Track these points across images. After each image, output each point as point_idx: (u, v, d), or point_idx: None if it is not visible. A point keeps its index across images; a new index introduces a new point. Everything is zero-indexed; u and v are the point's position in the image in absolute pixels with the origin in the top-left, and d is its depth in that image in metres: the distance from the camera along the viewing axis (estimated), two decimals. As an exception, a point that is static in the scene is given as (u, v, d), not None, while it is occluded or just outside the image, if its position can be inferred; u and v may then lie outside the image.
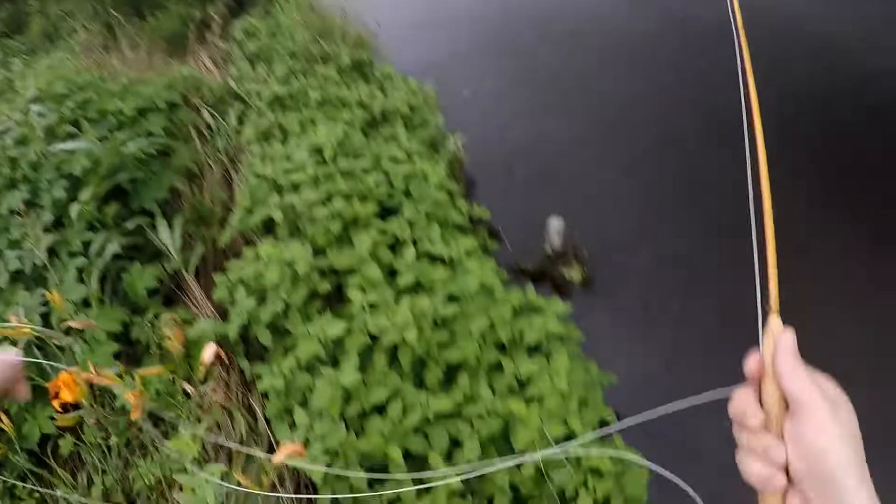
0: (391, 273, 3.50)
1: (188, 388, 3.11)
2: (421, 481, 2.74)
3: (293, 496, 3.00)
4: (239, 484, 2.94)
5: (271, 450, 3.16)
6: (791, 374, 0.90)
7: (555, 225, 4.51)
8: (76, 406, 3.19)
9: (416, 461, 2.84)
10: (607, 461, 2.72)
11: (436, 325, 3.13)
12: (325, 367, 3.02)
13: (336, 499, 2.80)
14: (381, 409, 2.91)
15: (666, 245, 4.92)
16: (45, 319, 3.53)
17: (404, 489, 2.65)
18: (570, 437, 2.82)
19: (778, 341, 0.93)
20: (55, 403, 1.83)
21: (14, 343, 2.23)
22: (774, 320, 0.95)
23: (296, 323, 3.32)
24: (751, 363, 0.96)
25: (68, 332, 3.43)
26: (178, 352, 3.27)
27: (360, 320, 3.16)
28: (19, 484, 3.09)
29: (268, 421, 3.28)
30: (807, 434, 0.87)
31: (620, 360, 4.03)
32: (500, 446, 2.88)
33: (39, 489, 3.09)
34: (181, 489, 2.70)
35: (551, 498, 2.66)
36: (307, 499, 3.04)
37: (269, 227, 4.06)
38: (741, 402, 0.95)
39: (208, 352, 2.92)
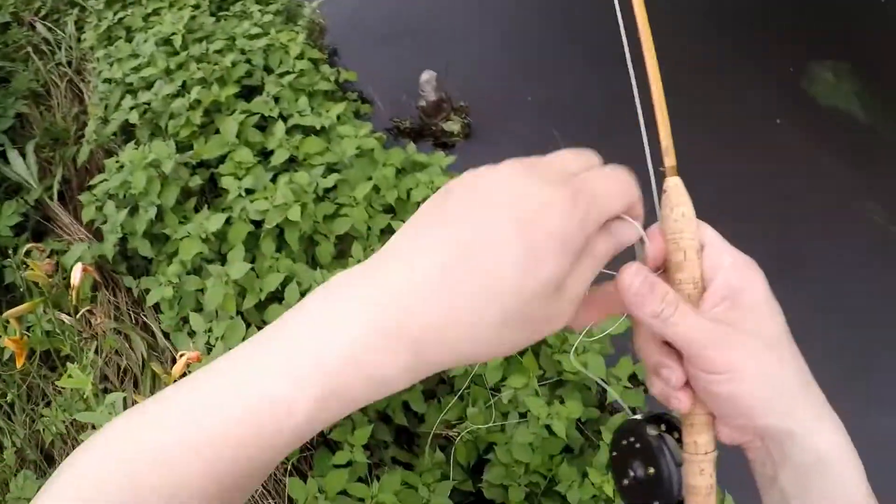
0: (264, 154, 3.21)
1: (65, 318, 2.82)
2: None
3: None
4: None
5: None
6: (655, 318, 0.61)
7: (427, 79, 4.22)
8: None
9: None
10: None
11: (318, 198, 2.88)
12: (212, 266, 2.76)
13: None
14: (278, 297, 2.70)
15: (546, 83, 4.66)
16: None
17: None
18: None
19: (625, 274, 0.63)
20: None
21: None
22: (673, 184, 0.69)
23: (173, 226, 3.02)
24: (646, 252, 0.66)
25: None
26: (49, 283, 2.97)
27: (240, 208, 2.90)
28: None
29: (167, 335, 3.04)
30: (700, 378, 0.62)
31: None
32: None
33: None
34: (94, 427, 2.47)
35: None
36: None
37: (128, 132, 3.69)
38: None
39: (76, 273, 2.65)
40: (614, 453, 0.75)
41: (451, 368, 2.54)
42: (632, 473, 0.72)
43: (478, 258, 0.51)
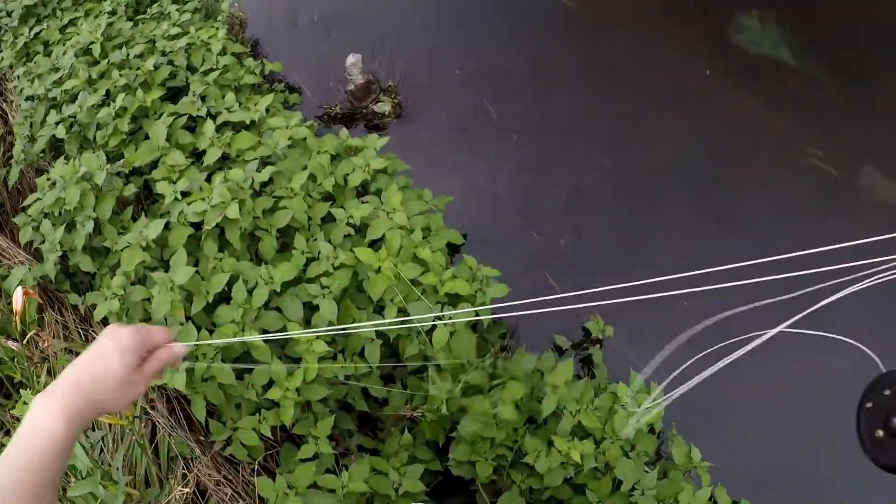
0: (196, 154, 3.07)
1: (12, 345, 2.69)
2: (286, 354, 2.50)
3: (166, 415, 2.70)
4: (104, 424, 2.64)
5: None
6: None
7: (353, 62, 4.10)
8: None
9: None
10: (466, 285, 2.52)
11: (255, 193, 2.77)
12: (156, 273, 2.64)
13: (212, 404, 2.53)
14: (226, 297, 2.59)
15: (470, 54, 4.55)
16: None
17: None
18: (425, 270, 2.59)
19: None
20: None
21: None
22: None
23: (112, 238, 2.88)
24: None
25: None
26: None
27: (178, 212, 2.77)
28: None
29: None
30: None
31: (450, 179, 3.81)
32: (357, 298, 2.62)
33: None
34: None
35: (419, 333, 2.44)
36: (181, 413, 2.75)
37: (57, 147, 3.52)
38: None
39: (17, 298, 2.52)
40: (869, 405, 0.72)
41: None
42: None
43: (104, 356, 1.11)
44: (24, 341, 2.72)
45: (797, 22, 4.31)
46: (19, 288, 2.63)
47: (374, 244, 2.64)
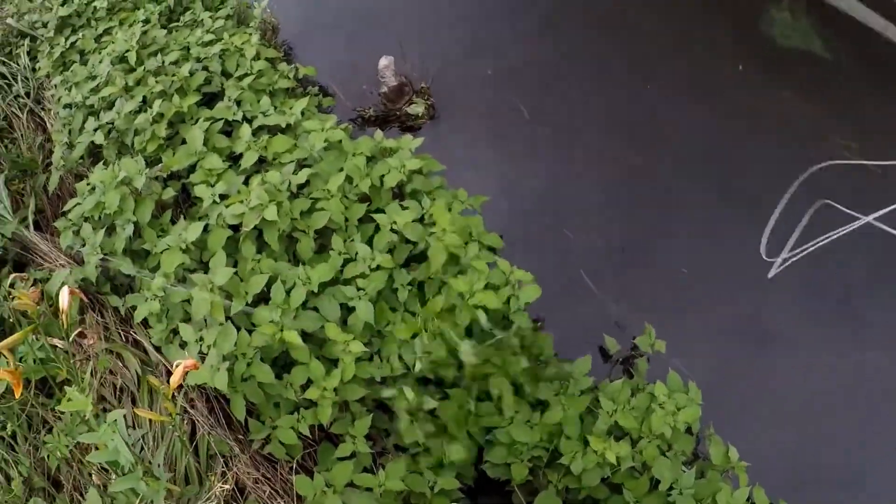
0: (233, 158, 3.13)
1: (58, 343, 2.74)
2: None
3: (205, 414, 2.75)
4: (145, 422, 2.68)
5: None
6: None
7: (386, 64, 4.15)
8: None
9: (315, 338, 2.60)
10: (493, 297, 2.55)
11: (293, 195, 2.81)
12: (196, 275, 2.69)
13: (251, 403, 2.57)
14: (265, 298, 2.64)
15: (502, 52, 4.57)
16: None
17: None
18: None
19: None
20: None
21: None
22: None
23: (152, 240, 2.94)
24: None
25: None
26: (37, 311, 2.88)
27: (216, 215, 2.82)
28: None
29: (158, 349, 2.97)
30: None
31: (484, 178, 3.82)
32: (392, 300, 2.65)
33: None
34: (97, 448, 2.40)
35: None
36: (221, 412, 2.79)
37: (96, 153, 3.59)
38: None
39: (63, 297, 2.56)
40: None
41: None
42: None
43: None
44: (70, 340, 2.78)
45: (827, 11, 4.28)
46: (65, 287, 2.68)
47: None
